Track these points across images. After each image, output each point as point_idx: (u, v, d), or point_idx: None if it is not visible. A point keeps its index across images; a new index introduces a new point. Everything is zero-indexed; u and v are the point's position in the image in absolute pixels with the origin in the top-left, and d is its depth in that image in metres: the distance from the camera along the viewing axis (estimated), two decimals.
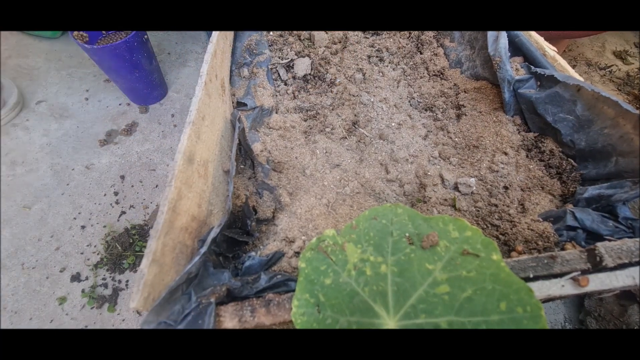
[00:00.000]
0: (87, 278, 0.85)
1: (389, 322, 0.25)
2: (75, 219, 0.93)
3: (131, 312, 0.81)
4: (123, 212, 0.95)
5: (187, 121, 0.39)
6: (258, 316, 0.30)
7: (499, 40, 0.55)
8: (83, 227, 0.92)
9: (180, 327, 0.28)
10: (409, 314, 0.25)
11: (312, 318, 0.28)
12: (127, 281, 0.84)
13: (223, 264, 0.38)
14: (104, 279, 0.85)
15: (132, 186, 0.99)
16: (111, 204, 0.96)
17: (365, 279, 0.28)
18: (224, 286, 0.31)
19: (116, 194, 0.98)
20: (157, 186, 1.00)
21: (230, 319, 0.29)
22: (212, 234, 0.34)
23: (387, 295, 0.26)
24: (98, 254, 0.88)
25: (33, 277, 0.84)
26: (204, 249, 0.32)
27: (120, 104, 1.16)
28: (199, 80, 0.43)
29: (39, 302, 0.81)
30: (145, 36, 0.98)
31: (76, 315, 0.80)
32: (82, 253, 0.88)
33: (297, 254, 0.41)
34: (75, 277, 0.85)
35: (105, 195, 0.97)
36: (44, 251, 0.88)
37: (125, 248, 0.87)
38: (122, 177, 1.01)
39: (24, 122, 1.10)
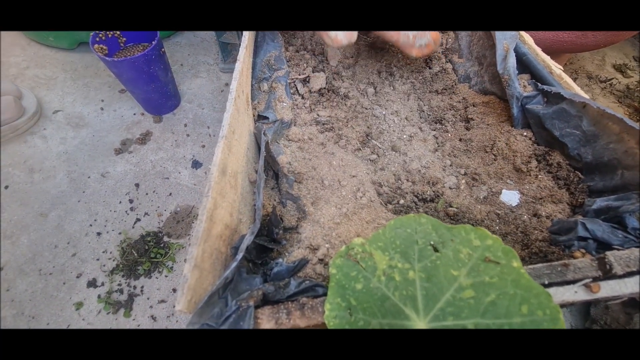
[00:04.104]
0: (103, 284, 0.87)
1: (420, 323, 0.27)
2: (91, 225, 0.96)
3: (146, 318, 0.82)
4: (138, 219, 0.97)
5: (220, 135, 0.42)
6: (293, 319, 0.32)
7: (507, 59, 0.58)
8: (99, 233, 0.94)
9: (224, 328, 0.30)
10: (437, 317, 0.27)
11: (344, 320, 0.30)
12: (142, 287, 0.86)
13: (253, 270, 0.41)
14: (119, 284, 0.87)
15: (147, 194, 1.02)
16: (126, 211, 0.98)
17: (394, 284, 0.30)
18: (260, 290, 0.33)
19: (131, 201, 1.00)
20: (170, 194, 1.02)
21: (267, 321, 0.32)
22: (246, 242, 0.37)
23: (417, 299, 0.28)
24: (114, 260, 0.90)
25: (50, 282, 0.86)
26: (239, 256, 0.35)
27: (134, 114, 1.20)
28: (229, 96, 0.46)
29: (56, 307, 0.83)
30: (162, 49, 1.02)
31: (92, 320, 0.82)
32: (98, 259, 0.90)
33: (320, 260, 0.43)
34: (92, 283, 0.86)
35: (120, 202, 1.00)
36: (60, 257, 0.90)
37: (140, 254, 0.89)
38: (137, 185, 1.03)
39: (42, 131, 1.13)
